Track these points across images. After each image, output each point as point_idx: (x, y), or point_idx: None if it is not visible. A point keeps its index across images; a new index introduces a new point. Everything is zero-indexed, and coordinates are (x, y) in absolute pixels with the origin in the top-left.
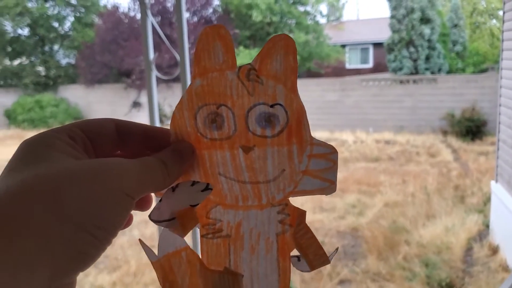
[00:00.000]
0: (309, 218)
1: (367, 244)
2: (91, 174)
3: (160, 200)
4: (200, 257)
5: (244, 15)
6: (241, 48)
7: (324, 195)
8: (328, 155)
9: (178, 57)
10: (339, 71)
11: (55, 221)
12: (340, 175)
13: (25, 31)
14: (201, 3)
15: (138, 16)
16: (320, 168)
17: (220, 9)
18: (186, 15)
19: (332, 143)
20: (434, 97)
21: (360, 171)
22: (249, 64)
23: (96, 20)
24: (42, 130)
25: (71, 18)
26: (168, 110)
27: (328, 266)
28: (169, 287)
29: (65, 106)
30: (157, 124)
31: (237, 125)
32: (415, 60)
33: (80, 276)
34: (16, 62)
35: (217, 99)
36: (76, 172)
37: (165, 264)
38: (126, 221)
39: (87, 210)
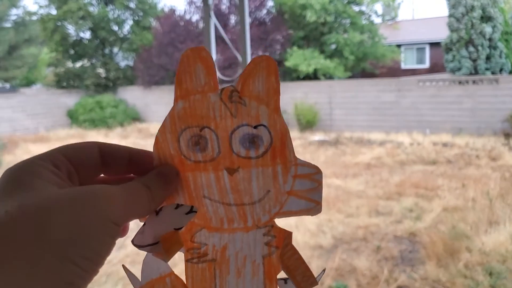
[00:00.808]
0: (364, 222)
1: (426, 250)
2: (76, 203)
3: (144, 224)
4: (185, 282)
5: (298, 15)
6: (295, 48)
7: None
8: (312, 175)
9: (240, 58)
10: (394, 72)
11: (41, 254)
12: (396, 178)
13: (86, 35)
14: (255, 5)
15: (194, 18)
16: (305, 188)
17: (273, 10)
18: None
19: (388, 145)
20: (495, 98)
21: (417, 174)
22: (231, 85)
23: (154, 23)
24: (102, 130)
25: (130, 22)
26: None
27: (385, 272)
28: None
29: (124, 106)
30: None
31: (221, 147)
32: (474, 60)
33: (138, 275)
34: (78, 64)
35: (200, 122)
36: (60, 201)
37: None
38: (111, 250)
39: (73, 241)
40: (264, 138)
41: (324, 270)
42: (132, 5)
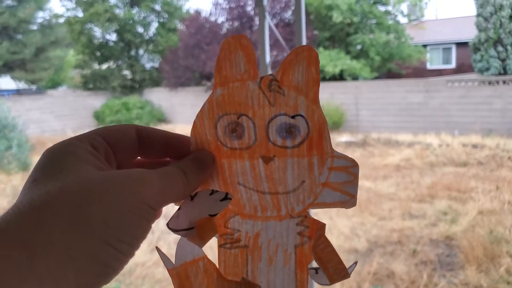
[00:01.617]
0: (398, 225)
1: (464, 254)
2: (116, 187)
3: (179, 209)
4: (218, 267)
5: (324, 16)
6: (321, 49)
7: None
8: (349, 168)
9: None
10: (420, 72)
11: (80, 235)
12: (427, 179)
13: (112, 37)
14: (281, 6)
15: (220, 20)
16: (341, 181)
17: None
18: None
19: (417, 147)
20: None
21: (449, 176)
22: (271, 74)
23: (179, 25)
24: None
25: (156, 24)
26: None
27: (424, 276)
28: None
29: (149, 108)
30: None
31: (258, 135)
32: (503, 60)
33: None
34: (104, 66)
35: (237, 109)
36: (99, 184)
37: (182, 273)
38: (147, 234)
39: (111, 224)
40: (301, 128)
41: (356, 263)
42: (157, 7)
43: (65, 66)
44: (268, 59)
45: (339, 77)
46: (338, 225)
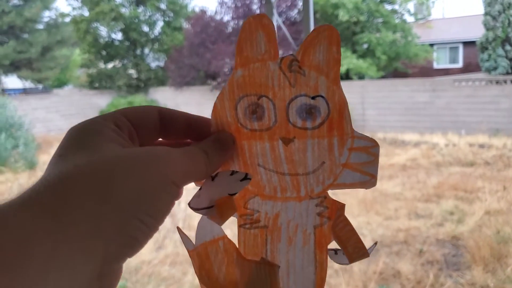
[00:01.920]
0: (404, 225)
1: (471, 254)
2: (142, 163)
3: (200, 188)
4: (237, 246)
5: (329, 15)
6: None
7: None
8: (369, 149)
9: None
10: (427, 71)
11: (108, 208)
12: (434, 179)
13: (118, 36)
14: (287, 5)
15: (225, 19)
16: (361, 161)
17: None
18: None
19: (423, 146)
20: None
21: (455, 176)
22: (292, 54)
23: (185, 24)
24: None
25: (161, 23)
26: None
27: (430, 276)
28: (205, 275)
29: None
30: None
31: (278, 117)
32: (511, 59)
33: (179, 276)
34: (110, 65)
35: (258, 90)
36: (126, 160)
37: (202, 252)
38: (170, 210)
39: (138, 198)
40: (321, 109)
41: (375, 243)
42: (163, 6)
43: (71, 65)
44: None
45: (345, 76)
46: None
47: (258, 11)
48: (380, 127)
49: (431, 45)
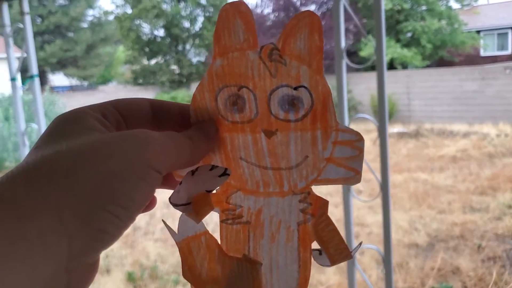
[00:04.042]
0: (459, 219)
1: None
2: (114, 147)
3: (180, 183)
4: (219, 242)
5: (372, 3)
6: (370, 37)
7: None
8: (354, 143)
9: (374, 45)
10: (473, 59)
11: (71, 200)
12: (487, 171)
13: (160, 32)
14: None
15: (266, 12)
16: (346, 156)
17: None
18: (312, 7)
19: (473, 137)
20: None
21: (510, 167)
22: (272, 43)
23: None
24: None
25: (201, 18)
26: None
27: (494, 274)
28: (188, 271)
29: None
30: (346, 114)
31: (259, 108)
32: None
33: None
34: (153, 61)
35: (238, 81)
36: (96, 145)
37: (184, 248)
38: (150, 199)
39: (108, 187)
40: (304, 101)
41: (360, 244)
42: (203, 1)
43: (114, 63)
44: (343, 43)
45: (389, 66)
46: (396, 219)
47: (298, 3)
48: (427, 118)
49: (478, 31)
